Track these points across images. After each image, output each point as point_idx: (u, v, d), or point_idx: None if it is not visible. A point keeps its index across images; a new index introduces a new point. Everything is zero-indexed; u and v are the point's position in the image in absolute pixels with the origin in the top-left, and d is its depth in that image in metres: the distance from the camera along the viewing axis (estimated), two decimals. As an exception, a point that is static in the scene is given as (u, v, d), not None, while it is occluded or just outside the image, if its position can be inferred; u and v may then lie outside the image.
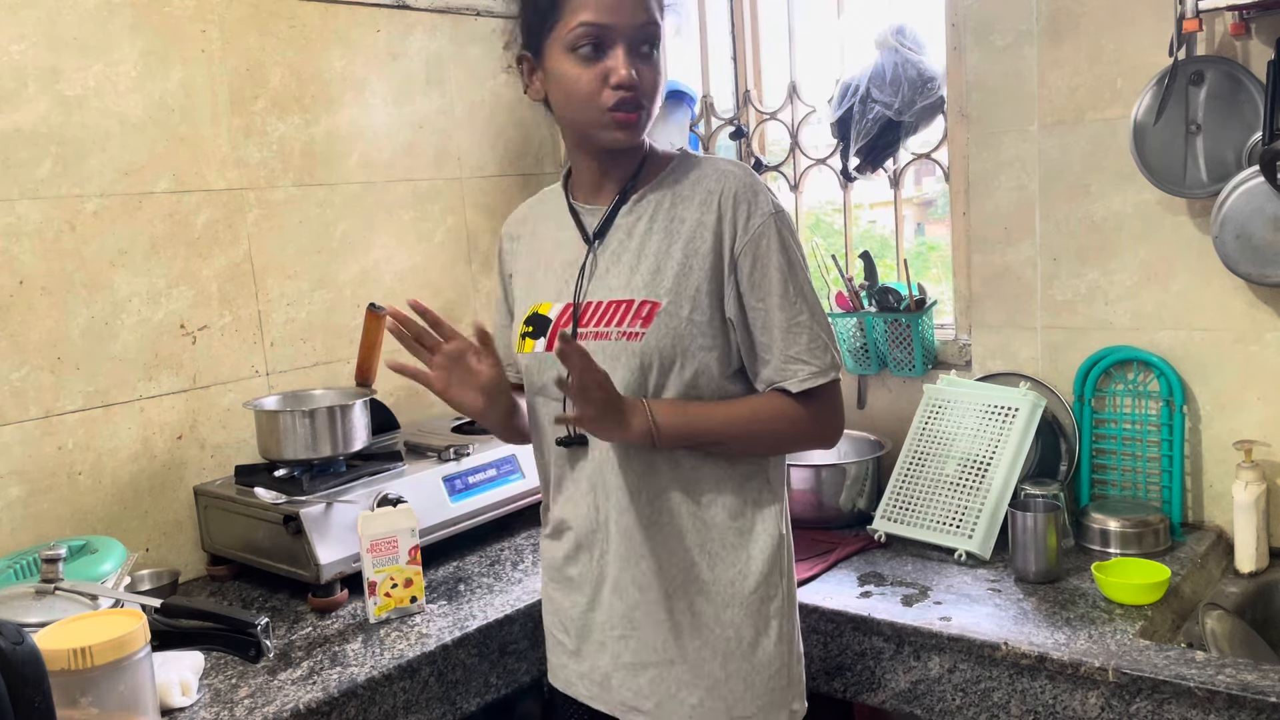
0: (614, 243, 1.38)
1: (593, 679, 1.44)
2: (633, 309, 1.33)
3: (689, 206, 1.35)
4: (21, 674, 1.12)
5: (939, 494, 1.96)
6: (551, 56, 1.33)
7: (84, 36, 1.85)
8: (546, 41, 1.32)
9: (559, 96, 1.35)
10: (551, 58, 1.33)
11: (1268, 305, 1.82)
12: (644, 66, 1.30)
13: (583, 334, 1.35)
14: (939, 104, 2.16)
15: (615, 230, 1.38)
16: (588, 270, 1.38)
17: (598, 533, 1.40)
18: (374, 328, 2.08)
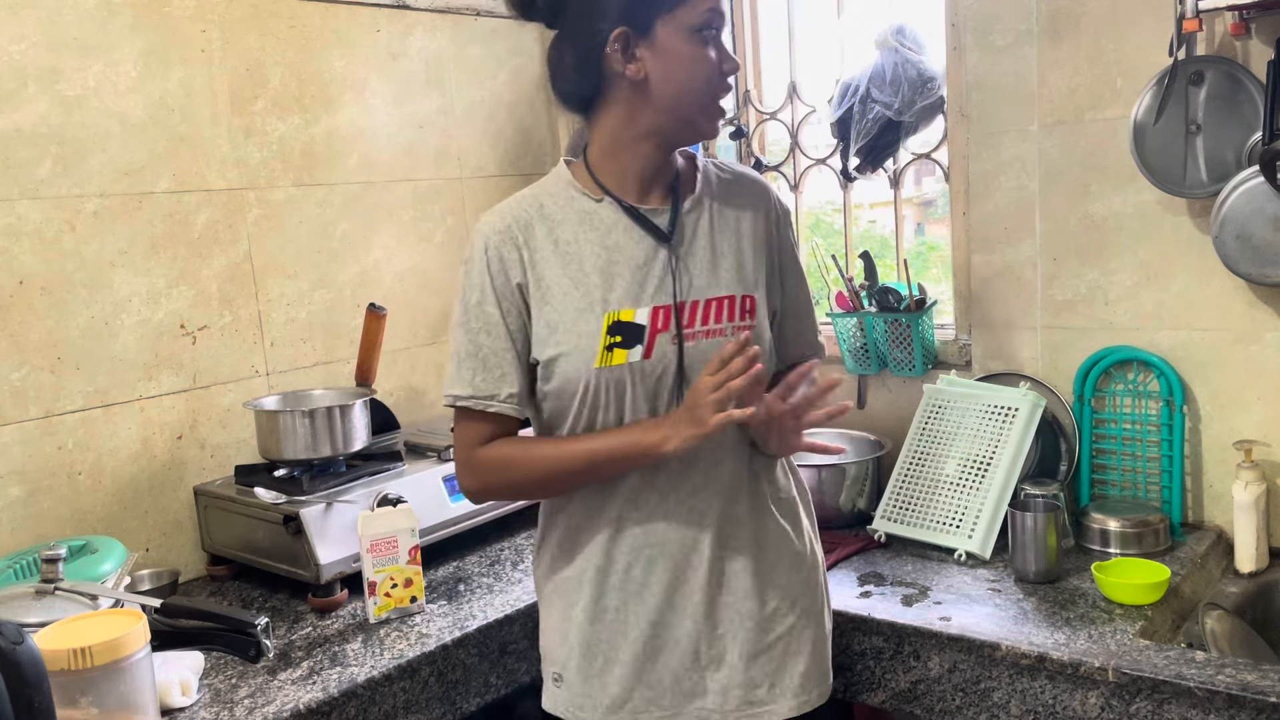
0: (685, 242, 1.37)
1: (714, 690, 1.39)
2: (736, 304, 1.37)
3: (741, 203, 1.42)
4: (21, 674, 1.12)
5: (939, 494, 1.96)
6: (670, 35, 1.28)
7: (84, 36, 1.85)
8: (663, 18, 1.27)
9: (673, 75, 1.29)
10: (670, 37, 1.28)
11: (1268, 305, 1.82)
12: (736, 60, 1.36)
13: (691, 334, 1.35)
14: (939, 104, 2.16)
15: (681, 229, 1.38)
16: (680, 269, 1.36)
17: (700, 538, 1.36)
18: (374, 328, 2.08)
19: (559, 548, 1.43)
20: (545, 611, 1.47)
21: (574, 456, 1.33)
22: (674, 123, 1.33)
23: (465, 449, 1.38)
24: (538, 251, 1.35)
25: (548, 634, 1.46)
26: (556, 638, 1.43)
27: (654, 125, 1.34)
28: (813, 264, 2.48)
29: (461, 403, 1.36)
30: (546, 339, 1.34)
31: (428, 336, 2.45)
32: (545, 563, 1.45)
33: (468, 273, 1.38)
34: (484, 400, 1.35)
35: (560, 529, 1.42)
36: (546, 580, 1.45)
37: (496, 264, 1.36)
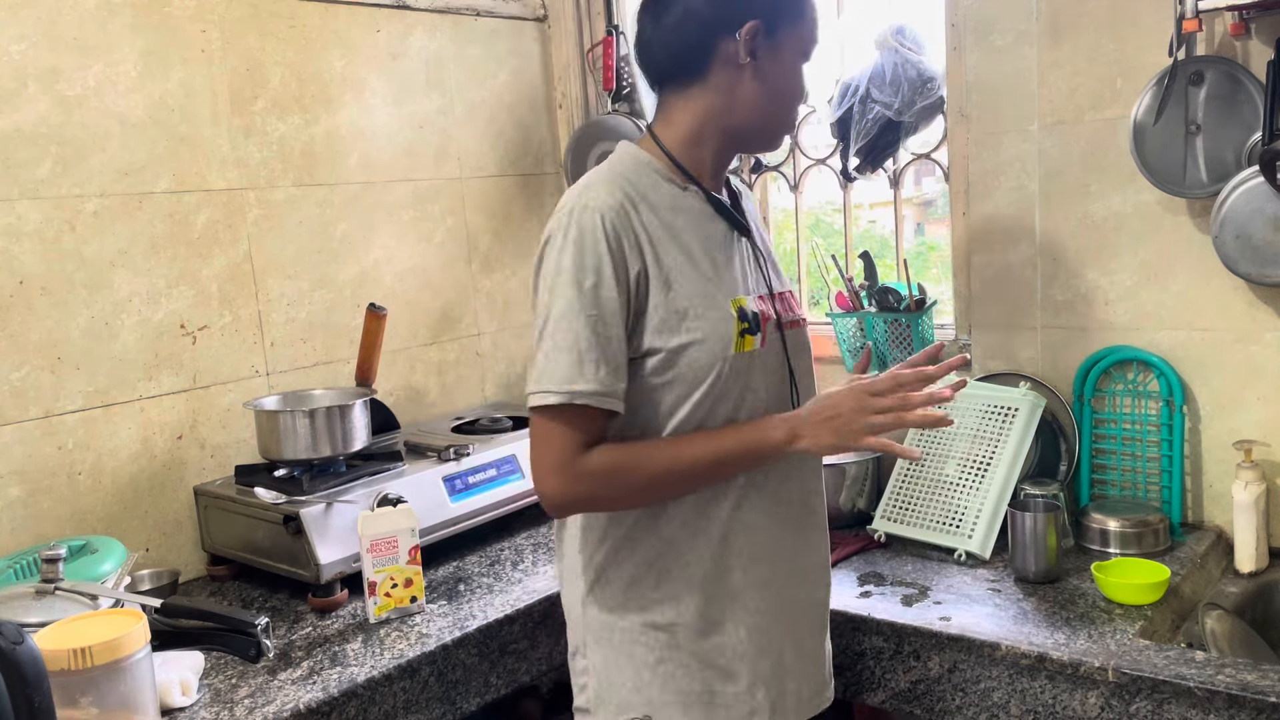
0: (754, 234, 1.40)
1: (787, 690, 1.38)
2: (795, 297, 1.44)
3: (752, 207, 1.48)
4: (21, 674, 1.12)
5: (939, 494, 1.96)
6: (789, 46, 1.30)
7: (84, 36, 1.85)
8: (790, 29, 1.30)
9: (776, 84, 1.30)
10: (788, 47, 1.31)
11: (1268, 305, 1.82)
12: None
13: (788, 323, 1.38)
14: (939, 104, 2.16)
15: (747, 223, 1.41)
16: (762, 261, 1.38)
17: (784, 536, 1.36)
18: (374, 328, 2.08)
19: (634, 581, 1.30)
20: (609, 652, 1.33)
21: (697, 456, 1.24)
22: (757, 125, 1.33)
23: (566, 454, 1.22)
24: (653, 232, 1.26)
25: (613, 678, 1.32)
26: (631, 683, 1.31)
27: (741, 122, 1.31)
28: (813, 264, 2.49)
29: (582, 400, 1.20)
30: (675, 325, 1.25)
31: (428, 336, 2.45)
32: (609, 596, 1.32)
33: (579, 252, 1.22)
34: (607, 397, 1.21)
35: (638, 555, 1.30)
36: (611, 614, 1.32)
37: (615, 243, 1.22)
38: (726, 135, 1.32)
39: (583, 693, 1.39)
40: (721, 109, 1.30)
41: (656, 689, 1.31)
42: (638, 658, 1.31)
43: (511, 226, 2.64)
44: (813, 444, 1.24)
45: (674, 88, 1.32)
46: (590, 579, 1.34)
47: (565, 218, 1.24)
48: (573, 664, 1.41)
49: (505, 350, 2.64)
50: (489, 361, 2.60)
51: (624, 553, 1.31)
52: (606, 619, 1.33)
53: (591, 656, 1.35)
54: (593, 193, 1.25)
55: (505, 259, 2.63)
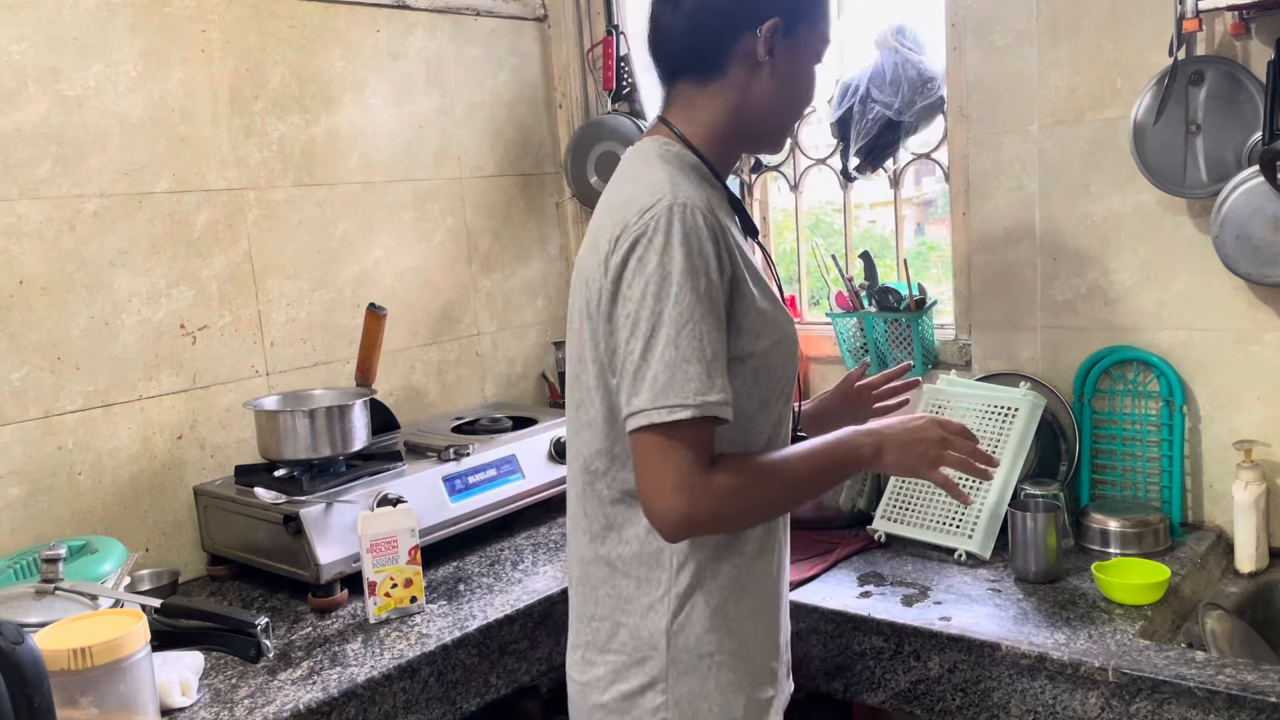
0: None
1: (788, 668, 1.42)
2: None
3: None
4: (21, 674, 1.12)
5: (939, 494, 1.96)
6: (803, 46, 1.26)
7: (84, 36, 1.85)
8: (804, 29, 1.25)
9: (791, 85, 1.27)
10: (800, 47, 1.26)
11: (1268, 305, 1.82)
12: None
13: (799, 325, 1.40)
14: (939, 104, 2.16)
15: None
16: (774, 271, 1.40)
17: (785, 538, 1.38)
18: (374, 328, 2.08)
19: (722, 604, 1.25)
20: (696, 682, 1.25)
21: (809, 470, 1.21)
22: (771, 125, 1.30)
23: (694, 471, 1.11)
24: (730, 230, 1.21)
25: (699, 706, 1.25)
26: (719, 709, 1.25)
27: (756, 120, 1.27)
28: (813, 264, 2.49)
29: (713, 411, 1.11)
30: (760, 328, 1.20)
31: (428, 336, 2.45)
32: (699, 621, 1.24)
33: (689, 252, 1.12)
34: (729, 407, 1.13)
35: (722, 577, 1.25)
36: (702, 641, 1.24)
37: (714, 243, 1.15)
38: (744, 133, 1.28)
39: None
40: (740, 105, 1.26)
41: (741, 711, 1.27)
42: (725, 683, 1.25)
43: (511, 226, 2.64)
44: (893, 461, 1.24)
45: (690, 81, 1.27)
46: (675, 607, 1.24)
47: (662, 215, 1.13)
48: (639, 701, 1.26)
49: (505, 350, 2.64)
50: (489, 361, 2.60)
51: (708, 575, 1.24)
52: (698, 647, 1.25)
53: (675, 690, 1.25)
54: (681, 189, 1.16)
55: (505, 259, 2.63)
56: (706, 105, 1.26)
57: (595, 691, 1.29)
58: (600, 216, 1.23)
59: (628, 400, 1.13)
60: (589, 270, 1.21)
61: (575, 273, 1.28)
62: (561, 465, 2.19)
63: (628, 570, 1.26)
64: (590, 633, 1.30)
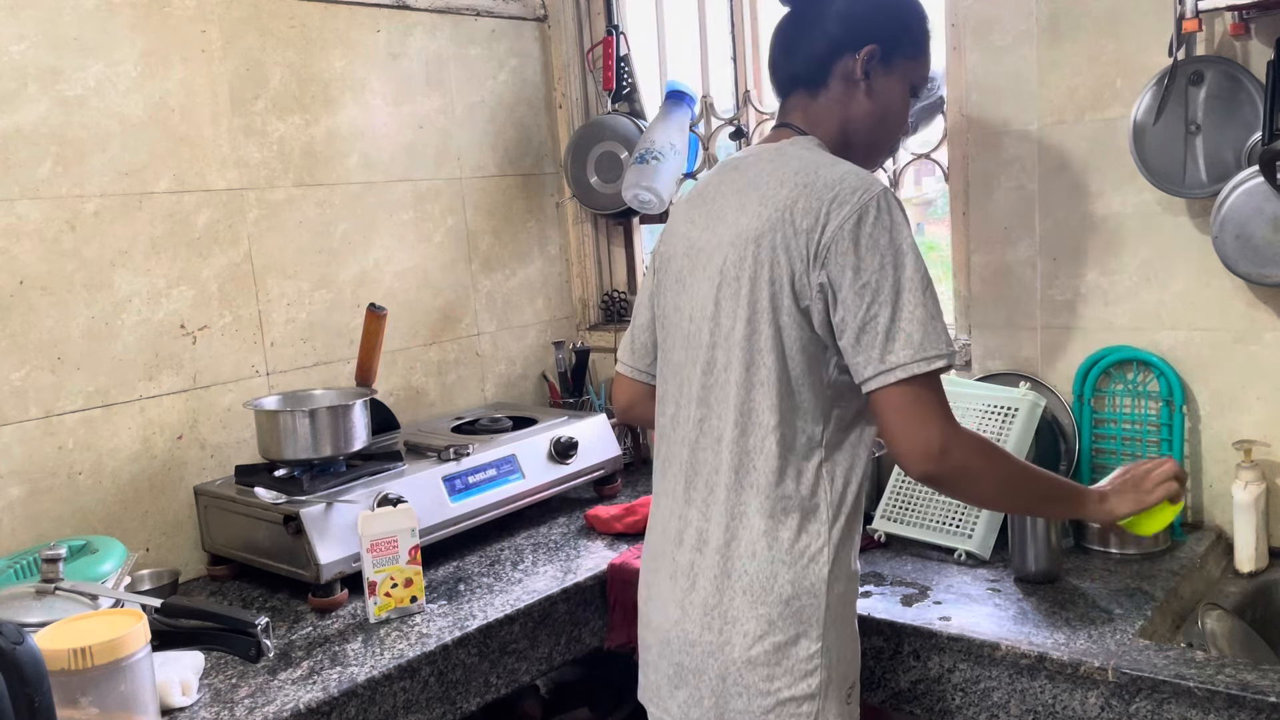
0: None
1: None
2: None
3: None
4: (21, 674, 1.12)
5: (939, 494, 1.96)
6: (896, 74, 1.42)
7: (84, 36, 1.85)
8: (900, 60, 1.42)
9: (881, 108, 1.42)
10: (895, 75, 1.42)
11: (1268, 305, 1.82)
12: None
13: None
14: (939, 104, 2.16)
15: None
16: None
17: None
18: (374, 328, 2.09)
19: (853, 555, 1.39)
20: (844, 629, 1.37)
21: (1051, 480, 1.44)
22: (865, 141, 1.43)
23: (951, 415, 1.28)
24: None
25: (845, 653, 1.37)
26: (851, 652, 1.39)
27: (854, 133, 1.43)
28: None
29: (944, 361, 1.25)
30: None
31: (428, 336, 2.46)
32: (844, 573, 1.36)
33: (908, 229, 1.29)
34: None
35: (855, 528, 1.39)
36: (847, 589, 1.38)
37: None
38: (849, 143, 1.43)
39: (809, 677, 1.32)
40: (844, 119, 1.43)
41: (854, 651, 1.40)
42: (852, 625, 1.40)
43: (511, 226, 2.64)
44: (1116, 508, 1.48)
45: (803, 92, 1.44)
46: (831, 557, 1.34)
47: (880, 196, 1.27)
48: (791, 651, 1.32)
49: (505, 350, 2.65)
50: (489, 361, 2.61)
51: (851, 527, 1.37)
52: (846, 595, 1.37)
53: (828, 638, 1.33)
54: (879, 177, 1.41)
55: (505, 259, 2.63)
56: (819, 115, 1.43)
57: (738, 647, 1.33)
58: (785, 194, 1.31)
59: (881, 358, 1.24)
60: (779, 241, 1.29)
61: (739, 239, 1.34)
62: (562, 465, 2.19)
63: (788, 520, 1.33)
64: (731, 589, 1.34)
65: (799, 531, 1.33)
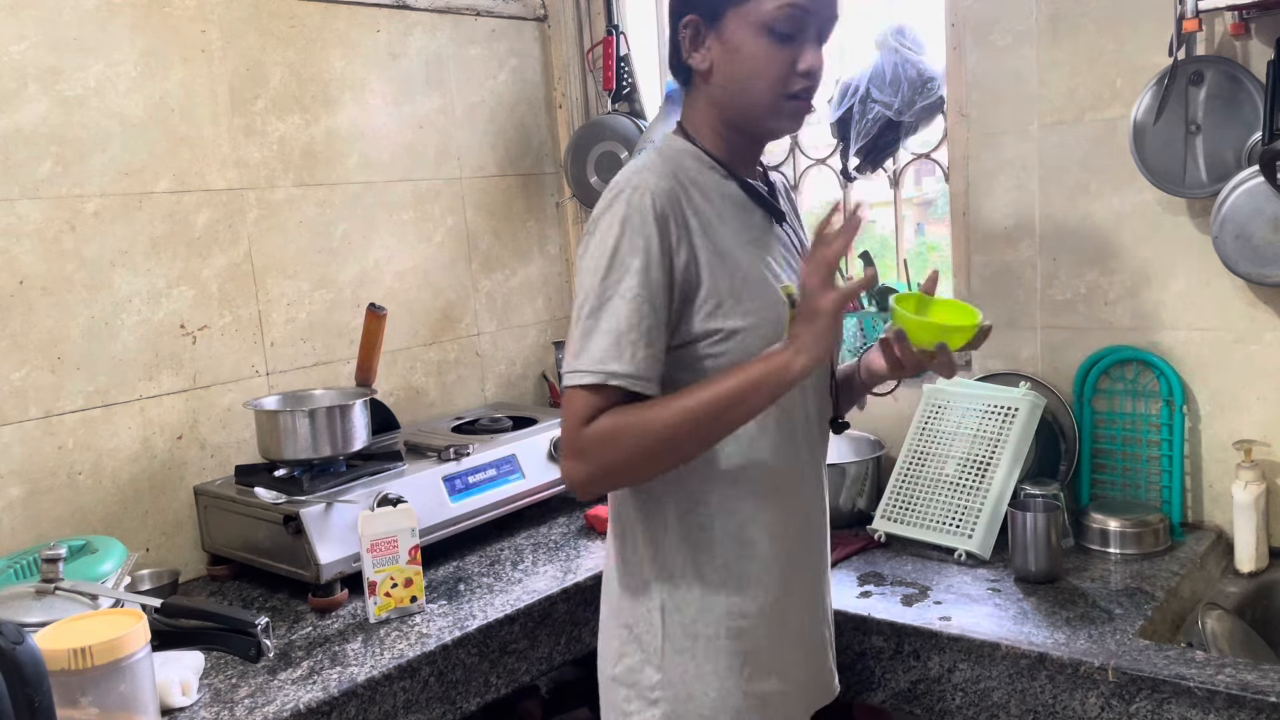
0: (791, 223, 1.39)
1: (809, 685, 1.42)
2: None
3: (783, 193, 1.46)
4: (21, 674, 1.12)
5: (939, 494, 1.96)
6: (737, 29, 1.23)
7: (84, 36, 1.85)
8: (733, 11, 1.23)
9: (735, 73, 1.25)
10: (736, 30, 1.23)
11: (1268, 305, 1.82)
12: (822, 56, 1.27)
13: None
14: (939, 104, 2.16)
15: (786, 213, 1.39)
16: (798, 249, 1.38)
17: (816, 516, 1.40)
18: (374, 328, 2.08)
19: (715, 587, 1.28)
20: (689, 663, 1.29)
21: (699, 404, 1.18)
22: (742, 119, 1.29)
23: (575, 429, 1.19)
24: (702, 215, 1.25)
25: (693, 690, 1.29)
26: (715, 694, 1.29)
27: (727, 110, 1.29)
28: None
29: (616, 381, 1.18)
30: (731, 308, 1.24)
31: (428, 336, 2.45)
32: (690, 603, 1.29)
33: (625, 233, 1.20)
34: (640, 380, 1.19)
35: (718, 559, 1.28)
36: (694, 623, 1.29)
37: (663, 224, 1.21)
38: (731, 120, 1.30)
39: (653, 706, 1.31)
40: (707, 107, 1.31)
41: (740, 696, 1.30)
42: (722, 664, 1.29)
43: (511, 226, 2.64)
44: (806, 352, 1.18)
45: (682, 82, 1.35)
46: (668, 586, 1.30)
47: (614, 199, 1.22)
48: (639, 677, 1.32)
49: (505, 350, 2.64)
50: (489, 361, 2.60)
51: (703, 556, 1.29)
52: (690, 626, 1.29)
53: (670, 671, 1.30)
54: (643, 175, 1.23)
55: (505, 259, 2.63)
56: (693, 102, 1.33)
57: (607, 663, 1.36)
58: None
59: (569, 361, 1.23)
60: None
61: None
62: (561, 465, 2.19)
63: (624, 543, 1.34)
64: (604, 606, 1.38)
65: (629, 555, 1.33)
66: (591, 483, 1.23)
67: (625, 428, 1.18)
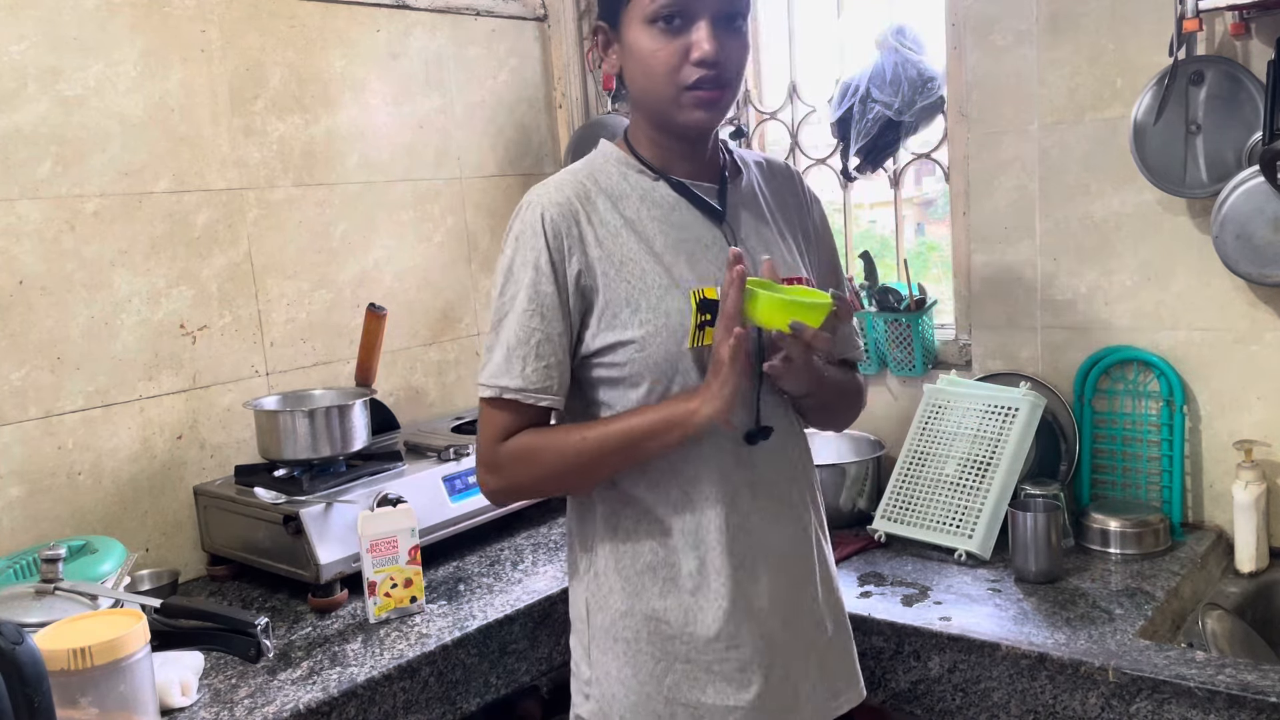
0: (743, 221, 1.33)
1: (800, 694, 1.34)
2: (802, 285, 1.31)
3: (777, 187, 1.40)
4: (21, 674, 1.12)
5: (939, 494, 1.96)
6: (629, 28, 1.23)
7: (84, 36, 1.85)
8: (625, 11, 1.23)
9: (635, 72, 1.25)
10: (629, 29, 1.23)
11: (1268, 305, 1.82)
12: (731, 41, 1.22)
13: None
14: (939, 104, 2.16)
15: (733, 208, 1.33)
16: (744, 249, 1.30)
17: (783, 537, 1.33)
18: (374, 328, 2.08)
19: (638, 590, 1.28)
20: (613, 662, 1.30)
21: (606, 437, 1.22)
22: (657, 118, 1.27)
23: (490, 444, 1.26)
24: (604, 225, 1.26)
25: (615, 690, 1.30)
26: (636, 695, 1.29)
27: (647, 118, 1.29)
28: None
29: (510, 395, 1.23)
30: (627, 318, 1.24)
31: (428, 336, 2.45)
32: (613, 604, 1.30)
33: (518, 249, 1.24)
34: (536, 394, 1.23)
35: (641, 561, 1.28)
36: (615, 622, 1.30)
37: (555, 239, 1.24)
38: (649, 119, 1.29)
39: (587, 701, 1.34)
40: (632, 102, 1.32)
41: (662, 702, 1.29)
42: (643, 670, 1.29)
43: (511, 226, 2.64)
44: (711, 403, 1.18)
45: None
46: (593, 585, 1.32)
47: (513, 217, 1.28)
48: (576, 671, 1.37)
49: (505, 350, 2.64)
50: (489, 361, 2.60)
51: (626, 561, 1.29)
52: (610, 628, 1.30)
53: (598, 669, 1.32)
54: (543, 189, 1.27)
55: (505, 259, 2.63)
56: (630, 109, 1.36)
57: (571, 654, 1.40)
58: None
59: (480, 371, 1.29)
60: None
61: None
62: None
63: (570, 549, 1.38)
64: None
65: (571, 548, 1.38)
66: (502, 494, 1.31)
67: (537, 450, 1.25)
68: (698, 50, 1.20)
